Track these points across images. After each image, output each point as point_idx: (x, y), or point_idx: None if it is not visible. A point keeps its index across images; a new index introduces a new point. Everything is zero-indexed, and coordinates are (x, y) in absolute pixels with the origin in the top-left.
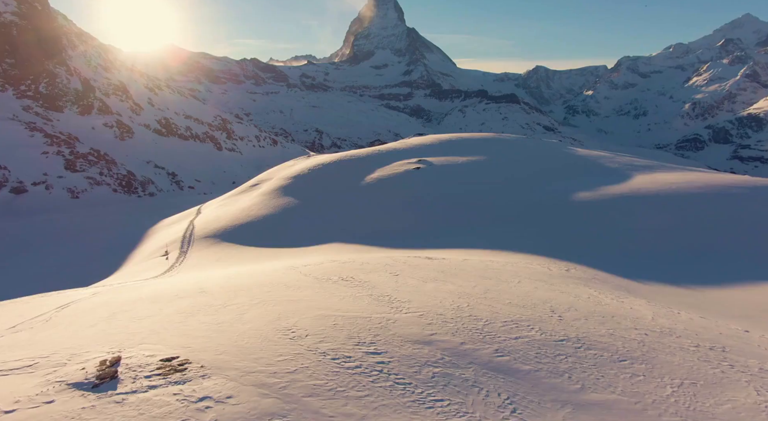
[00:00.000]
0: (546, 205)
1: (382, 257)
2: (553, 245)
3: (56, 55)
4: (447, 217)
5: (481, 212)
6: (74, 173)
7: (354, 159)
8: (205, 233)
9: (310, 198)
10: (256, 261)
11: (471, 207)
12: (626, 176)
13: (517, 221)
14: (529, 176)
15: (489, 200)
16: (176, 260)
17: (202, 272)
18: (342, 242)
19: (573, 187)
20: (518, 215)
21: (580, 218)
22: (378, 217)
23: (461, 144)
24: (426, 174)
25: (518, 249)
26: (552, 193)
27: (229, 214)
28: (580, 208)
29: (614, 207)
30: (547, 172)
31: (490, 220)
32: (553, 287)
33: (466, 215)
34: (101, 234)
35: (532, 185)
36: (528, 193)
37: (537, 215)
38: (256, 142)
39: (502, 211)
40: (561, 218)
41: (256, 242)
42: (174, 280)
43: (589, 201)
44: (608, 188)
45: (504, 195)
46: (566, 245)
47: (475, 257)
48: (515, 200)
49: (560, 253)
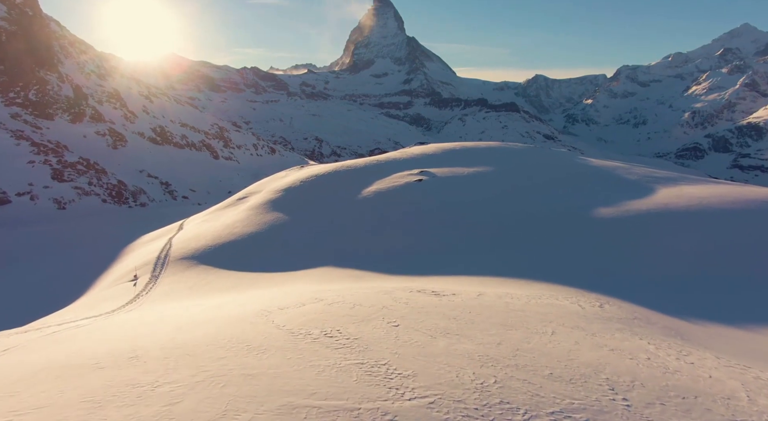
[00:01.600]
0: (563, 222)
1: (379, 292)
2: (576, 271)
3: (48, 62)
4: (452, 235)
5: (490, 229)
6: (62, 183)
7: (351, 170)
8: (182, 253)
9: (301, 214)
10: (232, 291)
11: (479, 224)
12: (648, 190)
13: (532, 240)
14: (541, 189)
15: (498, 216)
16: (144, 287)
17: (166, 306)
18: (334, 266)
19: (592, 201)
20: (532, 234)
21: (604, 237)
22: (375, 235)
23: (465, 154)
24: (428, 187)
25: (537, 275)
26: (569, 209)
27: (211, 231)
28: (602, 226)
29: (641, 225)
30: (560, 184)
31: (502, 239)
32: (596, 340)
33: (474, 233)
34: (82, 249)
35: (545, 199)
36: (542, 208)
37: (554, 234)
38: (254, 151)
39: (515, 229)
40: (582, 237)
41: (238, 264)
42: (120, 323)
43: (613, 218)
44: (631, 204)
45: (515, 210)
46: (591, 270)
47: (490, 289)
48: (528, 217)
49: (586, 281)
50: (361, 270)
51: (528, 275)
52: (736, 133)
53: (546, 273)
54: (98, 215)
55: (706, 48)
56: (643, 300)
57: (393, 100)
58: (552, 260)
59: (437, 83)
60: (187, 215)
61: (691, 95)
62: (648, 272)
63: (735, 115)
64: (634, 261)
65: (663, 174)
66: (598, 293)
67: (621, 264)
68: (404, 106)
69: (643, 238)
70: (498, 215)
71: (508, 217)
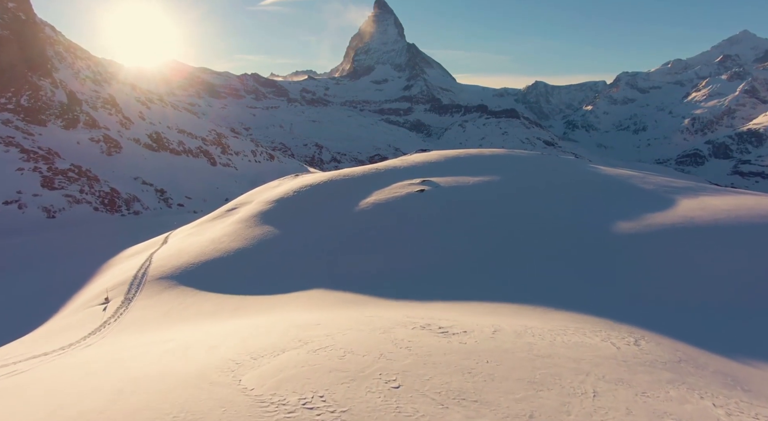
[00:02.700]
0: (579, 237)
1: (376, 330)
2: (598, 296)
3: (41, 67)
4: (458, 252)
5: (499, 246)
6: (52, 191)
7: (348, 179)
8: (161, 271)
9: (293, 227)
10: (210, 318)
11: (486, 240)
12: (668, 201)
13: (547, 258)
14: (552, 200)
15: (508, 231)
16: (114, 313)
17: (131, 339)
18: (326, 288)
19: (609, 214)
20: (546, 251)
21: (626, 255)
22: (373, 253)
23: (470, 162)
24: (431, 198)
25: (555, 302)
26: (585, 223)
27: (195, 246)
28: (623, 242)
29: (666, 242)
30: (572, 195)
31: (512, 257)
32: (651, 404)
33: (482, 250)
34: (66, 262)
35: (558, 212)
36: (555, 222)
37: (570, 250)
38: (252, 158)
39: (526, 245)
40: (601, 255)
41: (221, 285)
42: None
43: (633, 233)
44: (652, 217)
45: (526, 225)
46: (615, 295)
47: (505, 320)
48: (540, 231)
49: (611, 308)
50: (357, 293)
51: (544, 300)
52: (737, 140)
53: (564, 298)
54: (89, 224)
55: (706, 55)
56: (681, 332)
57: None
58: (569, 281)
59: (437, 89)
60: (181, 224)
61: (691, 102)
62: (680, 296)
63: (735, 121)
64: (662, 284)
65: (680, 183)
66: (628, 324)
67: (648, 287)
68: (404, 112)
69: (670, 256)
70: (507, 230)
71: (519, 232)
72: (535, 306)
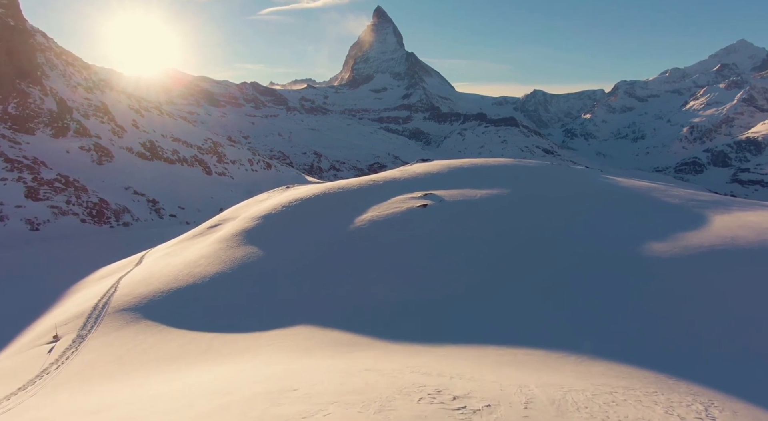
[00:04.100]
0: (608, 262)
1: (369, 406)
2: (638, 336)
3: (31, 74)
4: (467, 279)
5: (514, 272)
6: (36, 202)
7: (342, 193)
8: (126, 301)
9: (278, 249)
10: (171, 366)
11: (500, 265)
12: (699, 217)
13: (573, 290)
14: (572, 218)
15: (523, 254)
16: (61, 356)
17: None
18: (313, 324)
19: (637, 233)
20: (570, 278)
21: (664, 283)
22: (368, 281)
23: (475, 172)
24: (435, 214)
25: (591, 350)
26: (612, 245)
27: (169, 269)
28: (659, 268)
29: (708, 266)
30: (593, 211)
31: (530, 285)
32: None
33: (496, 279)
34: (42, 281)
35: (579, 231)
36: (577, 243)
37: (598, 278)
38: (249, 166)
39: (545, 271)
40: (634, 283)
41: (192, 319)
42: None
43: (671, 258)
44: (687, 236)
45: (545, 248)
46: (658, 334)
47: (534, 377)
48: (563, 256)
49: (658, 355)
50: (349, 332)
51: (573, 342)
52: (735, 148)
53: (597, 340)
54: (74, 237)
55: (703, 63)
56: (754, 392)
57: (392, 114)
58: (600, 317)
59: (436, 98)
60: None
61: (689, 110)
62: (741, 339)
63: (733, 130)
64: (715, 321)
65: (707, 196)
66: (688, 381)
67: (698, 325)
68: (403, 120)
69: (719, 285)
70: (522, 252)
71: (536, 255)
72: (565, 352)
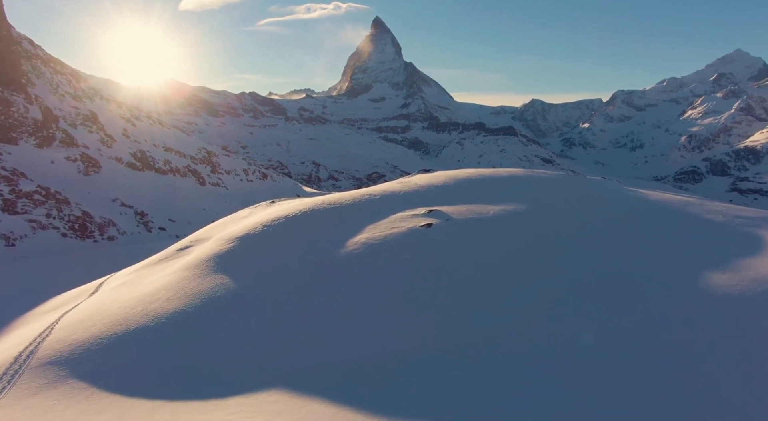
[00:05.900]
0: (664, 301)
1: None
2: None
3: (14, 82)
4: (485, 326)
5: (544, 313)
6: (13, 216)
7: (333, 209)
8: (56, 348)
9: (252, 281)
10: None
11: (524, 304)
12: (756, 239)
13: (620, 335)
14: (605, 239)
15: (554, 289)
16: None
17: None
18: (287, 389)
19: (688, 260)
20: (618, 321)
21: (740, 332)
22: (360, 324)
23: (485, 185)
24: (441, 235)
25: None
26: (662, 277)
27: (118, 306)
28: (726, 308)
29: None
30: (628, 232)
31: (567, 334)
32: None
33: (518, 322)
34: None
35: (617, 257)
36: (618, 274)
37: (653, 323)
38: (244, 176)
39: (584, 312)
40: (702, 331)
41: (133, 378)
42: None
43: (738, 294)
44: (750, 263)
45: (579, 278)
46: (753, 405)
47: None
48: (603, 289)
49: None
50: (335, 404)
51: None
52: (734, 157)
53: (664, 414)
54: (53, 254)
55: (700, 73)
56: None
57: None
58: (662, 378)
59: (435, 108)
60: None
61: (687, 119)
62: None
63: (731, 139)
64: None
65: (747, 212)
66: None
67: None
68: (402, 130)
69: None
70: (552, 286)
71: (572, 289)
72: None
